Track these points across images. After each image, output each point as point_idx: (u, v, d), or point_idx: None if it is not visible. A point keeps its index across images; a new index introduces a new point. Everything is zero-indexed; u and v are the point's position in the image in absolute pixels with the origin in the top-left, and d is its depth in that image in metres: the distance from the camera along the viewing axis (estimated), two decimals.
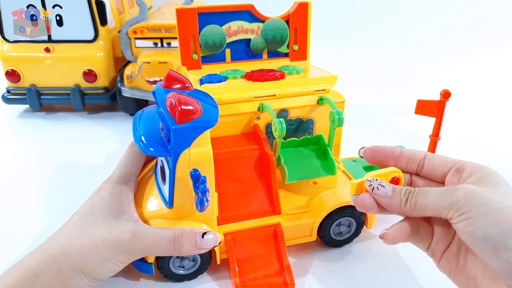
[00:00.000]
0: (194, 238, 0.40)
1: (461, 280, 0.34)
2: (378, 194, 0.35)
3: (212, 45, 0.56)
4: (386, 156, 0.39)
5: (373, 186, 0.35)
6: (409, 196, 0.34)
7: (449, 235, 0.35)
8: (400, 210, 0.34)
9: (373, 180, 0.35)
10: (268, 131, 0.52)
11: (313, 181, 0.52)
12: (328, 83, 0.53)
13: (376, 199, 0.35)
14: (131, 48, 0.87)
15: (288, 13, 0.58)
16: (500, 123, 0.88)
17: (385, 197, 0.35)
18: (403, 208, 0.34)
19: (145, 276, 0.46)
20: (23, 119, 0.91)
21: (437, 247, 0.35)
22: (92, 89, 0.89)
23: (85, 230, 0.39)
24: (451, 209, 0.31)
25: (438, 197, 0.32)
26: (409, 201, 0.34)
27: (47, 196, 0.62)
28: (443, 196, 0.32)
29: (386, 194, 0.35)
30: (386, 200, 0.35)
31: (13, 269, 0.37)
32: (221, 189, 0.46)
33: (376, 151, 0.39)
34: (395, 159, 0.38)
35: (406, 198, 0.34)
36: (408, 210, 0.34)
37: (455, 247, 0.35)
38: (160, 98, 0.41)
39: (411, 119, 0.84)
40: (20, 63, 0.87)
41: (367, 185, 0.35)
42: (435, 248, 0.35)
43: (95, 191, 0.44)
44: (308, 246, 0.50)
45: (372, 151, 0.39)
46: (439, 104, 0.53)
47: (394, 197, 0.34)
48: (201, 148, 0.39)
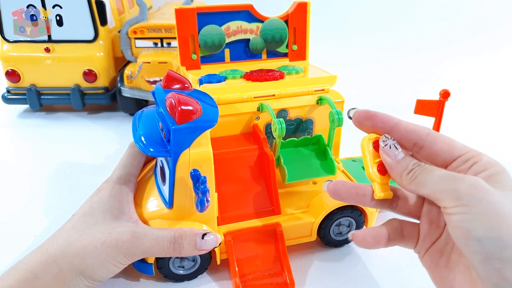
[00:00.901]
0: (194, 239, 0.40)
1: (437, 279, 0.32)
2: (388, 153, 0.32)
3: (211, 45, 0.56)
4: (375, 124, 0.34)
5: (388, 144, 0.32)
6: (415, 168, 0.31)
7: (437, 231, 0.33)
8: (399, 178, 0.32)
9: (390, 139, 0.32)
10: (267, 131, 0.52)
11: (313, 181, 0.52)
12: (328, 83, 0.53)
13: (383, 157, 0.33)
14: (131, 48, 0.87)
15: (287, 13, 0.58)
16: (500, 123, 0.88)
17: (393, 159, 0.32)
18: (404, 177, 0.31)
19: (145, 277, 0.46)
20: (23, 119, 0.91)
21: (423, 244, 0.33)
22: (92, 89, 0.89)
23: (84, 231, 0.39)
24: (449, 197, 0.28)
25: (441, 179, 0.29)
26: (412, 172, 0.31)
27: (47, 196, 0.62)
28: (446, 179, 0.29)
29: (395, 156, 0.32)
30: (392, 162, 0.32)
31: (12, 271, 0.37)
32: (221, 189, 0.47)
33: (367, 116, 0.34)
34: (386, 131, 0.33)
35: (411, 169, 0.31)
36: (406, 181, 0.31)
37: (441, 244, 0.32)
38: (159, 98, 0.41)
39: (410, 119, 0.84)
40: (20, 63, 0.87)
41: (381, 140, 0.33)
42: (421, 246, 0.34)
43: (95, 191, 0.44)
44: (308, 246, 0.50)
45: (361, 115, 0.34)
46: (438, 104, 0.53)
47: (402, 162, 0.31)
48: (201, 148, 0.39)
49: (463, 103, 0.96)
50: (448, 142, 0.32)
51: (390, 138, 0.32)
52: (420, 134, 0.32)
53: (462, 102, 0.97)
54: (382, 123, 0.33)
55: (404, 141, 0.33)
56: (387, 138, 0.32)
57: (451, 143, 0.32)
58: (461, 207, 0.27)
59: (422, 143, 0.32)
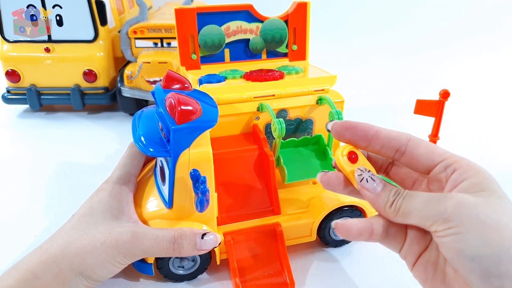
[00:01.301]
0: (194, 239, 0.40)
1: None
2: (366, 187, 0.31)
3: (211, 45, 0.56)
4: (356, 134, 0.32)
5: (364, 177, 0.31)
6: (396, 199, 0.30)
7: (424, 239, 0.31)
8: (383, 211, 0.31)
9: (365, 171, 0.31)
10: (267, 131, 0.52)
11: (313, 181, 0.52)
12: (327, 83, 0.53)
13: (362, 192, 0.32)
14: (131, 48, 0.87)
15: (287, 13, 0.58)
16: (500, 122, 0.88)
17: (373, 192, 0.31)
18: (387, 210, 0.30)
19: (145, 277, 0.46)
20: (23, 119, 0.91)
21: (410, 249, 0.31)
22: (92, 89, 0.89)
23: (84, 231, 0.39)
24: (437, 220, 0.27)
25: (425, 204, 0.28)
26: (394, 203, 0.30)
27: (47, 196, 0.62)
28: (430, 203, 0.28)
29: (374, 190, 0.31)
30: (372, 196, 0.31)
31: (12, 271, 0.37)
32: (221, 189, 0.47)
33: (346, 127, 0.32)
34: (367, 141, 0.32)
35: (393, 200, 0.30)
36: (390, 214, 0.30)
37: (433, 255, 0.31)
38: (159, 98, 0.41)
39: (410, 119, 0.84)
40: (20, 63, 0.87)
41: (356, 174, 0.32)
42: (408, 251, 0.32)
43: (95, 192, 0.44)
44: (308, 246, 0.50)
45: (341, 126, 0.33)
46: (438, 104, 0.53)
47: (382, 195, 0.30)
48: (201, 148, 0.39)
49: (463, 103, 0.96)
50: (428, 148, 0.31)
51: (365, 170, 0.32)
52: (401, 141, 0.32)
53: (462, 102, 0.97)
54: (363, 132, 0.32)
55: (385, 149, 0.32)
56: (362, 171, 0.32)
57: (432, 149, 0.31)
58: (450, 229, 0.27)
59: (404, 149, 0.32)
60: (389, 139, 0.32)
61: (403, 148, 0.32)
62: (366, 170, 0.32)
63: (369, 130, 0.32)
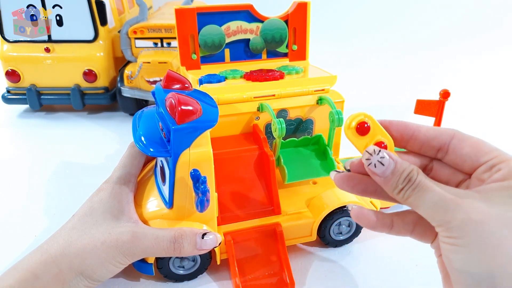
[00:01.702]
0: (194, 239, 0.40)
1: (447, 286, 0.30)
2: (374, 172, 0.29)
3: (211, 45, 0.56)
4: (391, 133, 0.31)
5: (372, 163, 0.28)
6: (406, 186, 0.28)
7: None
8: (392, 195, 0.29)
9: (374, 153, 0.28)
10: (267, 131, 0.52)
11: (313, 181, 0.52)
12: (328, 83, 0.53)
13: (370, 174, 0.29)
14: (131, 48, 0.87)
15: (287, 13, 0.58)
16: (500, 122, 0.88)
17: (381, 176, 0.28)
18: (395, 195, 0.29)
19: (145, 277, 0.46)
20: (23, 119, 0.91)
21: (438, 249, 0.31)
22: (92, 89, 0.89)
23: (84, 231, 0.39)
24: (440, 227, 0.27)
25: (433, 206, 0.27)
26: (403, 191, 0.28)
27: (47, 196, 0.62)
28: (439, 208, 0.27)
29: (383, 174, 0.28)
30: (381, 180, 0.29)
31: (12, 271, 0.37)
32: (221, 189, 0.47)
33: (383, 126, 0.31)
34: (403, 142, 0.31)
35: (402, 187, 0.28)
36: (399, 199, 0.29)
37: None
38: (159, 98, 0.41)
39: (410, 119, 0.84)
40: (20, 63, 0.87)
41: (364, 158, 0.29)
42: (436, 248, 0.31)
43: (95, 192, 0.44)
44: (308, 246, 0.50)
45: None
46: (438, 104, 0.53)
47: (392, 180, 0.28)
48: (201, 148, 0.39)
49: (463, 103, 0.96)
50: (474, 146, 0.29)
51: (374, 152, 0.28)
52: (444, 140, 0.30)
53: (462, 102, 0.97)
54: (398, 134, 0.31)
55: (425, 149, 0.30)
56: (371, 154, 0.29)
57: (478, 146, 0.29)
58: (451, 239, 0.26)
59: (447, 148, 0.30)
60: (429, 139, 0.30)
61: (445, 147, 0.30)
62: (376, 152, 0.28)
63: (406, 131, 0.30)
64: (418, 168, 0.28)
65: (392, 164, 0.28)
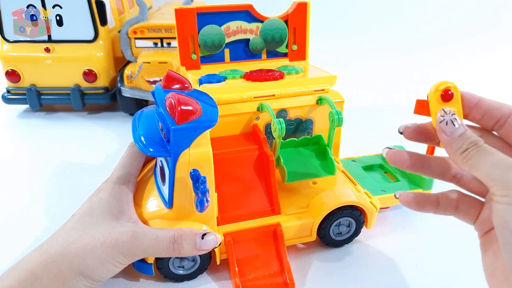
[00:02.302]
0: (194, 239, 0.40)
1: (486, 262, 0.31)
2: (444, 130, 0.31)
3: (211, 45, 0.56)
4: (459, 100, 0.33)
5: (445, 120, 0.31)
6: (469, 148, 0.29)
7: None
8: (453, 156, 0.31)
9: (449, 113, 0.31)
10: (267, 131, 0.52)
11: (313, 181, 0.52)
12: (327, 83, 0.53)
13: (438, 133, 0.32)
14: (131, 48, 0.87)
15: (287, 13, 0.58)
16: None
17: (449, 135, 0.30)
18: (457, 156, 0.30)
19: (145, 277, 0.46)
20: (23, 119, 0.91)
21: (481, 226, 0.32)
22: (92, 89, 0.89)
23: (84, 231, 0.39)
24: (498, 185, 0.27)
25: (494, 165, 0.28)
26: (466, 152, 0.29)
27: (47, 196, 0.62)
28: (499, 167, 0.28)
29: (452, 133, 0.30)
30: (447, 139, 0.31)
31: (12, 271, 0.37)
32: (221, 189, 0.47)
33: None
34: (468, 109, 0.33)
35: (466, 148, 0.30)
36: (459, 160, 0.30)
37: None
38: (159, 98, 0.41)
39: (410, 119, 0.84)
40: (20, 63, 0.87)
41: (439, 113, 0.31)
42: (479, 227, 0.33)
43: (95, 192, 0.44)
44: (308, 246, 0.50)
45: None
46: None
47: (458, 140, 0.30)
48: (201, 148, 0.39)
49: None
50: None
51: (449, 112, 0.31)
52: (503, 112, 0.32)
53: None
54: (466, 100, 0.33)
55: (486, 119, 0.32)
56: (446, 113, 0.31)
57: None
58: (506, 197, 0.27)
59: (504, 121, 0.32)
60: (491, 109, 0.32)
61: (503, 120, 0.32)
62: (451, 112, 0.31)
63: (471, 99, 0.33)
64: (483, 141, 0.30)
65: (462, 128, 0.30)
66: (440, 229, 0.53)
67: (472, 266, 0.47)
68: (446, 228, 0.53)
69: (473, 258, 0.48)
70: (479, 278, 0.45)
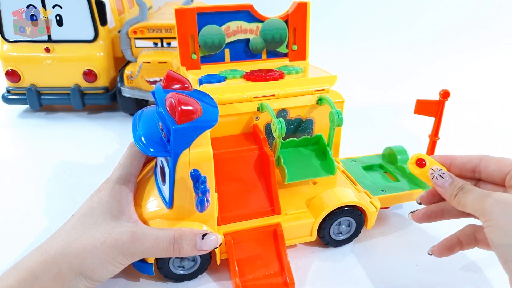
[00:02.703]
0: (194, 239, 0.40)
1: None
2: (437, 184, 0.39)
3: (211, 45, 0.56)
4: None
5: (434, 175, 0.39)
6: (458, 193, 0.37)
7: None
8: (450, 201, 0.37)
9: (436, 170, 0.39)
10: (267, 131, 0.52)
11: (313, 181, 0.52)
12: (328, 83, 0.53)
13: (434, 186, 0.39)
14: (131, 48, 0.87)
15: (287, 13, 0.58)
16: (500, 122, 0.88)
17: (442, 187, 0.38)
18: (452, 200, 0.37)
19: (145, 277, 0.46)
20: (23, 119, 0.91)
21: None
22: (92, 89, 0.89)
23: (84, 231, 0.39)
24: (480, 214, 0.34)
25: (474, 200, 0.35)
26: (457, 196, 0.37)
27: (47, 196, 0.62)
28: (477, 199, 0.34)
29: (443, 185, 0.38)
30: (442, 190, 0.38)
31: (12, 271, 0.37)
32: (221, 189, 0.47)
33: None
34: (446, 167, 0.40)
35: (456, 193, 0.37)
36: (454, 204, 0.37)
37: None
38: (159, 98, 0.41)
39: (410, 119, 0.84)
40: (20, 63, 0.87)
41: (429, 173, 0.40)
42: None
43: (95, 192, 0.44)
44: (308, 246, 0.50)
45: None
46: (438, 104, 0.53)
47: (449, 189, 0.38)
48: (201, 148, 0.39)
49: (463, 103, 0.96)
50: (497, 163, 0.38)
51: (436, 169, 0.39)
52: (474, 163, 0.39)
53: (462, 102, 0.97)
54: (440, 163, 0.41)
55: (464, 172, 0.40)
56: (434, 170, 0.39)
57: (500, 162, 0.38)
58: (487, 221, 0.33)
59: (479, 169, 0.39)
60: (464, 163, 0.40)
61: (478, 168, 0.39)
62: (437, 169, 0.39)
63: (445, 160, 0.41)
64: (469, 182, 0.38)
65: (449, 179, 0.38)
66: (440, 229, 0.53)
67: (472, 266, 0.47)
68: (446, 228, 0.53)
69: (473, 258, 0.48)
70: (479, 278, 0.45)
